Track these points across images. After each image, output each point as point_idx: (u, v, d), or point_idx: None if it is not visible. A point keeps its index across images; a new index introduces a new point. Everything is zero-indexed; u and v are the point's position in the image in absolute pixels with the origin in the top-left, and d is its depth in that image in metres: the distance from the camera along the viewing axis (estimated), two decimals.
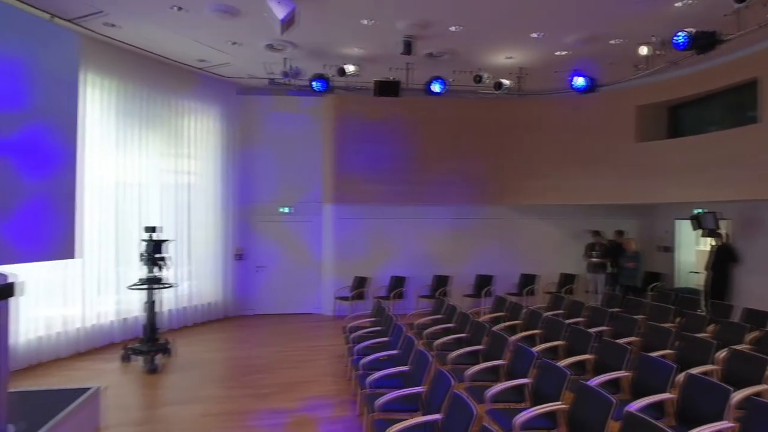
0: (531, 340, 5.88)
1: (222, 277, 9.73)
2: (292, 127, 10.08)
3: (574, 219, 10.33)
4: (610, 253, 9.57)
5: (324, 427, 4.73)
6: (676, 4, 6.13)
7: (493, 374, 4.81)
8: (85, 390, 4.56)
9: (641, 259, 9.25)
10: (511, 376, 4.56)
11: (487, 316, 7.16)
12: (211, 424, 4.81)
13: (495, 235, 10.34)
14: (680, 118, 9.32)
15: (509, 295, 9.33)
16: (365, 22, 6.82)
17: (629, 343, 4.97)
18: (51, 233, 6.12)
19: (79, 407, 4.29)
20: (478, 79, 8.26)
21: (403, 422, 3.44)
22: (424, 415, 3.81)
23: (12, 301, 3.72)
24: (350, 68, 8.01)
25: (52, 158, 6.06)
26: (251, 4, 6.16)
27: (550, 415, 3.79)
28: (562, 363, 4.63)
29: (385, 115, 9.83)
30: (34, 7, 6.30)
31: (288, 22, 5.96)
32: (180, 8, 6.43)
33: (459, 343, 5.75)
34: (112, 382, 5.83)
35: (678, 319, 6.52)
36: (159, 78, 8.53)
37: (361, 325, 6.82)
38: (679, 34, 6.15)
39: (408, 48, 7.36)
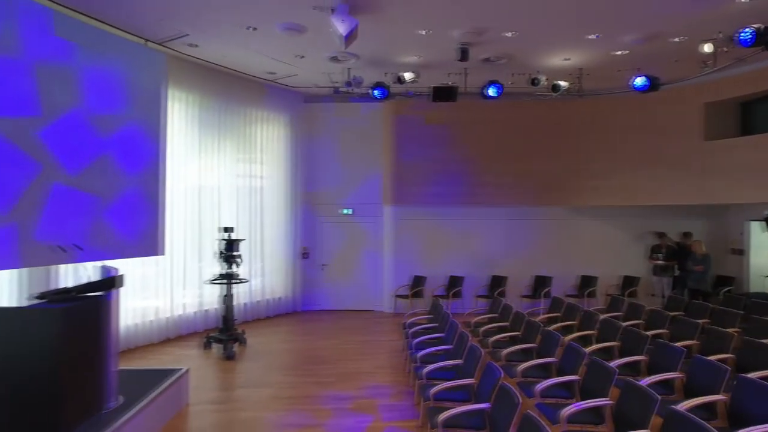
0: (585, 341, 5.96)
1: (290, 275, 10.41)
2: (354, 132, 10.59)
3: (637, 220, 10.09)
4: (676, 256, 9.28)
5: (383, 412, 5.11)
6: (741, 0, 5.96)
7: (544, 371, 4.98)
8: (176, 371, 5.23)
9: (710, 262, 8.91)
10: (561, 373, 4.73)
11: (543, 317, 7.26)
12: (281, 405, 5.34)
13: (553, 236, 10.32)
14: (753, 114, 8.87)
15: (568, 296, 9.31)
16: (422, 32, 7.14)
17: (686, 347, 4.96)
18: (144, 228, 6.96)
19: (171, 385, 4.95)
20: (535, 81, 8.34)
21: (454, 409, 3.74)
22: (473, 403, 4.08)
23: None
24: (408, 76, 8.35)
25: (142, 156, 6.93)
26: (316, 21, 6.66)
27: (597, 411, 3.94)
28: (614, 363, 4.74)
29: (443, 118, 10.08)
30: (131, 33, 7.16)
31: (350, 38, 6.41)
32: (253, 28, 7.06)
33: (512, 341, 5.95)
34: (195, 365, 6.54)
35: (743, 325, 6.32)
36: (233, 90, 9.30)
37: (418, 321, 7.15)
38: (746, 30, 5.98)
39: (464, 55, 7.60)
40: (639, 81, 7.75)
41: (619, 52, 7.81)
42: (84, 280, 6.42)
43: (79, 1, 6.20)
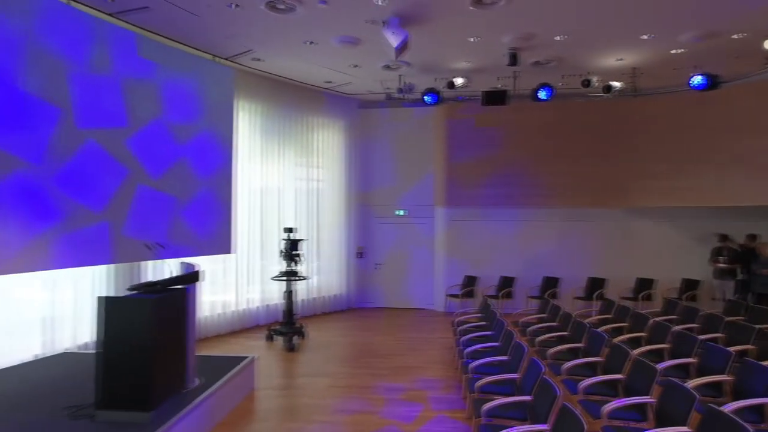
0: (635, 342, 5.98)
1: (346, 273, 10.92)
2: (407, 136, 10.94)
3: (697, 222, 9.77)
4: (740, 259, 8.93)
5: (432, 403, 5.42)
6: None
7: (590, 370, 5.11)
8: (245, 358, 5.78)
9: None
10: (606, 373, 4.85)
11: (593, 318, 7.29)
12: (337, 393, 5.77)
13: (609, 237, 10.19)
14: None
15: (624, 299, 9.20)
16: (472, 39, 7.38)
17: (741, 351, 4.92)
18: (215, 228, 7.66)
19: (240, 370, 5.50)
20: (587, 83, 8.33)
21: (497, 400, 4.00)
22: (516, 396, 4.31)
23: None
24: (459, 81, 8.59)
25: (214, 161, 7.67)
26: (369, 34, 7.06)
27: (640, 408, 4.06)
28: (662, 364, 4.80)
29: (495, 121, 10.21)
30: (203, 50, 7.86)
31: (402, 49, 6.76)
32: (312, 42, 7.57)
33: (560, 341, 6.08)
34: (260, 355, 7.10)
35: None
36: (293, 99, 9.90)
37: (468, 320, 7.39)
38: None
39: (514, 59, 7.76)
40: (696, 80, 7.61)
41: (675, 51, 7.69)
42: (166, 275, 7.18)
43: (158, 25, 6.92)
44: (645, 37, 7.20)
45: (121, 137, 6.22)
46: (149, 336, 3.98)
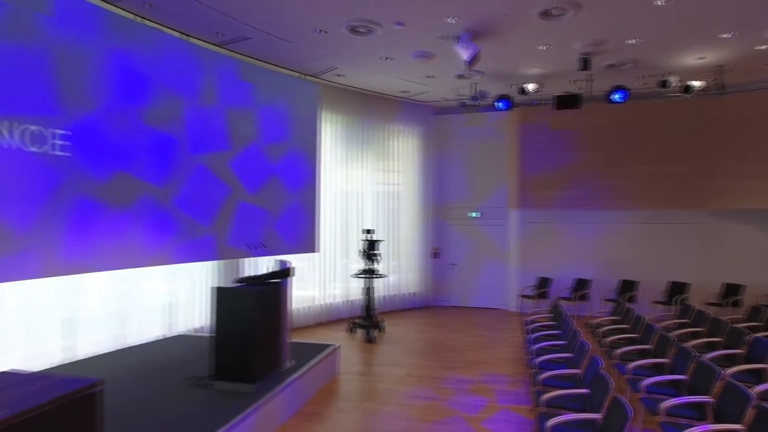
0: (710, 347, 5.95)
1: (422, 272, 11.47)
2: (481, 140, 11.26)
3: None
4: None
5: (499, 396, 5.81)
6: None
7: (656, 370, 5.23)
8: (330, 346, 6.53)
9: None
10: (671, 372, 4.97)
11: (668, 322, 7.23)
12: (412, 381, 6.33)
13: (692, 240, 9.83)
14: None
15: (709, 305, 8.89)
16: (542, 47, 7.61)
17: None
18: (302, 232, 8.54)
19: (327, 356, 6.24)
20: (665, 84, 8.20)
21: (556, 392, 4.34)
22: (577, 388, 4.61)
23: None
24: (530, 87, 8.80)
25: (301, 176, 8.52)
26: (442, 48, 7.54)
27: (699, 407, 4.21)
28: (733, 369, 4.85)
29: (569, 123, 10.25)
30: (291, 70, 8.77)
31: (473, 62, 7.18)
32: (389, 58, 8.20)
33: (630, 342, 6.18)
34: (342, 345, 7.85)
35: None
36: (373, 109, 10.62)
37: (538, 319, 7.63)
38: None
39: (585, 64, 7.86)
40: None
41: (760, 47, 7.38)
42: (262, 270, 8.12)
43: (256, 51, 7.88)
44: (726, 36, 7.02)
45: (226, 160, 7.23)
46: (252, 321, 4.79)
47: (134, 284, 6.71)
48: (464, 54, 7.05)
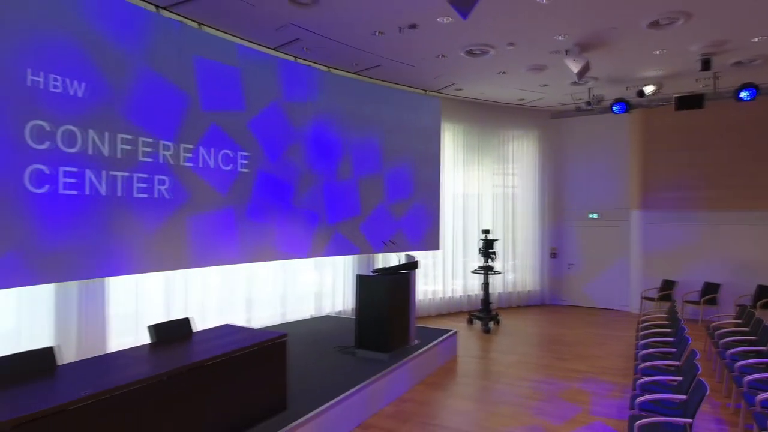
0: None
1: (539, 271, 11.90)
2: (599, 142, 11.36)
3: None
4: None
5: (603, 385, 6.29)
6: None
7: None
8: (449, 331, 7.52)
9: None
10: None
11: None
12: (522, 367, 7.05)
13: None
14: None
15: None
16: (657, 52, 7.76)
17: None
18: (426, 231, 9.63)
19: (446, 339, 7.23)
20: None
21: (652, 395, 4.82)
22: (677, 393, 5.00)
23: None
24: (649, 89, 8.88)
25: (425, 180, 9.60)
26: (554, 60, 8.08)
27: None
28: None
29: (692, 123, 9.96)
30: (415, 87, 9.91)
31: (583, 73, 7.64)
32: (503, 72, 8.93)
33: (748, 346, 6.21)
34: (461, 334, 8.79)
35: None
36: (489, 117, 11.35)
37: (650, 320, 7.79)
38: None
39: (706, 65, 7.81)
40: None
41: None
42: (392, 263, 9.36)
43: (387, 75, 9.13)
44: None
45: (379, 173, 8.72)
46: (386, 303, 5.97)
47: (292, 275, 8.36)
48: (574, 67, 7.54)
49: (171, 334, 4.30)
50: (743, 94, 8.11)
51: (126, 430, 3.08)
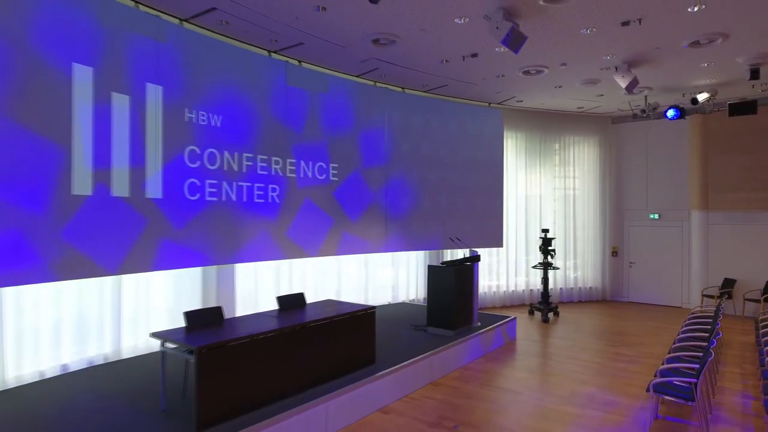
0: None
1: (600, 269, 12.55)
2: (659, 145, 11.86)
3: None
4: None
5: (645, 365, 7.11)
6: None
7: None
8: (508, 317, 8.60)
9: None
10: None
11: None
12: (574, 349, 7.99)
13: None
14: None
15: None
16: (705, 64, 8.38)
17: None
18: (490, 230, 10.70)
19: (506, 323, 8.33)
20: None
21: (661, 378, 5.69)
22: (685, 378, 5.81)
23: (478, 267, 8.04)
24: (702, 96, 9.41)
25: (488, 180, 10.65)
26: (605, 75, 8.91)
27: None
28: None
29: (751, 126, 10.27)
30: (479, 101, 11.04)
31: (631, 86, 8.42)
32: (559, 86, 9.84)
33: None
34: (522, 322, 9.80)
35: None
36: (550, 124, 12.21)
37: (697, 314, 8.40)
38: None
39: (755, 74, 8.30)
40: None
41: None
42: (459, 256, 10.52)
43: (453, 92, 10.34)
44: None
45: (458, 183, 9.91)
46: (452, 289, 7.20)
47: (372, 269, 9.80)
48: (622, 82, 8.35)
49: (291, 304, 5.82)
50: None
51: (269, 359, 4.58)
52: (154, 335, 4.42)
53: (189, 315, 4.89)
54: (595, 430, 4.93)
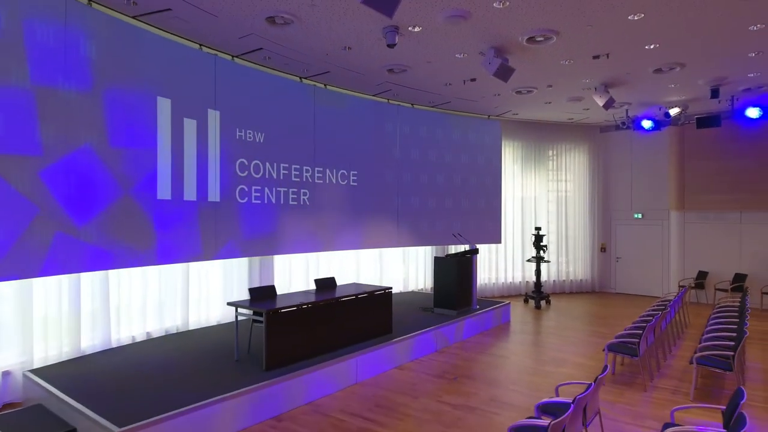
0: None
1: (590, 263, 13.93)
2: (641, 152, 13.23)
3: None
4: None
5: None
6: None
7: None
8: (503, 302, 10.04)
9: None
10: None
11: None
12: (560, 328, 9.40)
13: None
14: None
15: None
16: (671, 86, 9.76)
17: None
18: (489, 228, 12.12)
19: (500, 307, 9.77)
20: None
21: (618, 339, 7.09)
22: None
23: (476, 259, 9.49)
24: (673, 111, 10.80)
25: (486, 184, 12.06)
26: (587, 94, 10.31)
27: None
28: None
29: (720, 136, 11.62)
30: (478, 114, 12.49)
31: (608, 104, 9.82)
32: (549, 102, 11.27)
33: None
34: (517, 309, 11.22)
35: None
36: (544, 133, 13.62)
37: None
38: None
39: (715, 93, 9.67)
40: None
41: None
42: (460, 249, 11.93)
43: (457, 107, 11.79)
44: None
45: (457, 187, 11.35)
46: (455, 276, 8.65)
47: (387, 263, 11.27)
48: (600, 101, 9.76)
49: (325, 285, 7.30)
50: (752, 113, 9.85)
51: (313, 324, 6.06)
52: (231, 304, 5.92)
53: (252, 291, 6.38)
54: (564, 380, 6.36)
